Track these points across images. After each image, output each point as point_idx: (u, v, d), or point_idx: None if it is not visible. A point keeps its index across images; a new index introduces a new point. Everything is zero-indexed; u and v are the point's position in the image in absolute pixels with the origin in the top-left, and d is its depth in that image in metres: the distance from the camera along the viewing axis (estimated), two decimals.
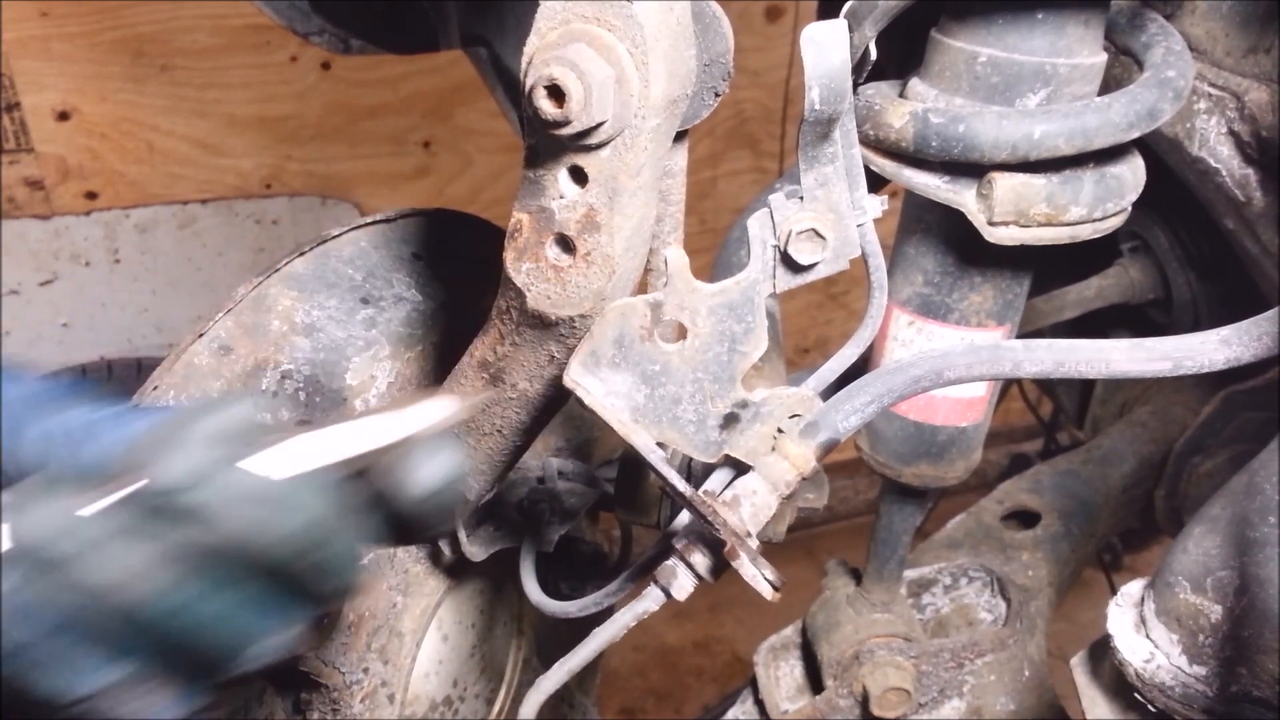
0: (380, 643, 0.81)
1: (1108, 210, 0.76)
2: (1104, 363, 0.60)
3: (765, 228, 0.61)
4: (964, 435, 0.93)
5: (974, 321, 0.86)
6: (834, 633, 1.06)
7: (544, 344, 0.64)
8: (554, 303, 0.60)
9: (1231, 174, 0.91)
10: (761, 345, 0.58)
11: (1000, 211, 0.74)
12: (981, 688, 1.04)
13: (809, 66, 0.56)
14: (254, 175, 2.28)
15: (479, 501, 0.77)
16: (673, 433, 0.60)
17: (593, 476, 0.93)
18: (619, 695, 2.56)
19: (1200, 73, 0.90)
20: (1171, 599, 0.62)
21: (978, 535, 1.23)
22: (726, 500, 0.58)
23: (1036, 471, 1.34)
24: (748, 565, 0.57)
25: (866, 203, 0.64)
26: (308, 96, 2.28)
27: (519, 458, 0.75)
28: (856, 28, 0.69)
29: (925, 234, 0.85)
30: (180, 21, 2.15)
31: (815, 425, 0.60)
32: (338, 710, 0.80)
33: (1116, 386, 1.50)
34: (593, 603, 0.69)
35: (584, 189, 0.57)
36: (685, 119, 0.63)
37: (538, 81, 0.52)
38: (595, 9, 0.53)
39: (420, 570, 0.83)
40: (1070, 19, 0.72)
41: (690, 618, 2.75)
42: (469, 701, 0.97)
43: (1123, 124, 0.72)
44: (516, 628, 1.04)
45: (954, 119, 0.72)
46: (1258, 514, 0.59)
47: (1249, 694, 0.58)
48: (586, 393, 0.59)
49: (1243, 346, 0.60)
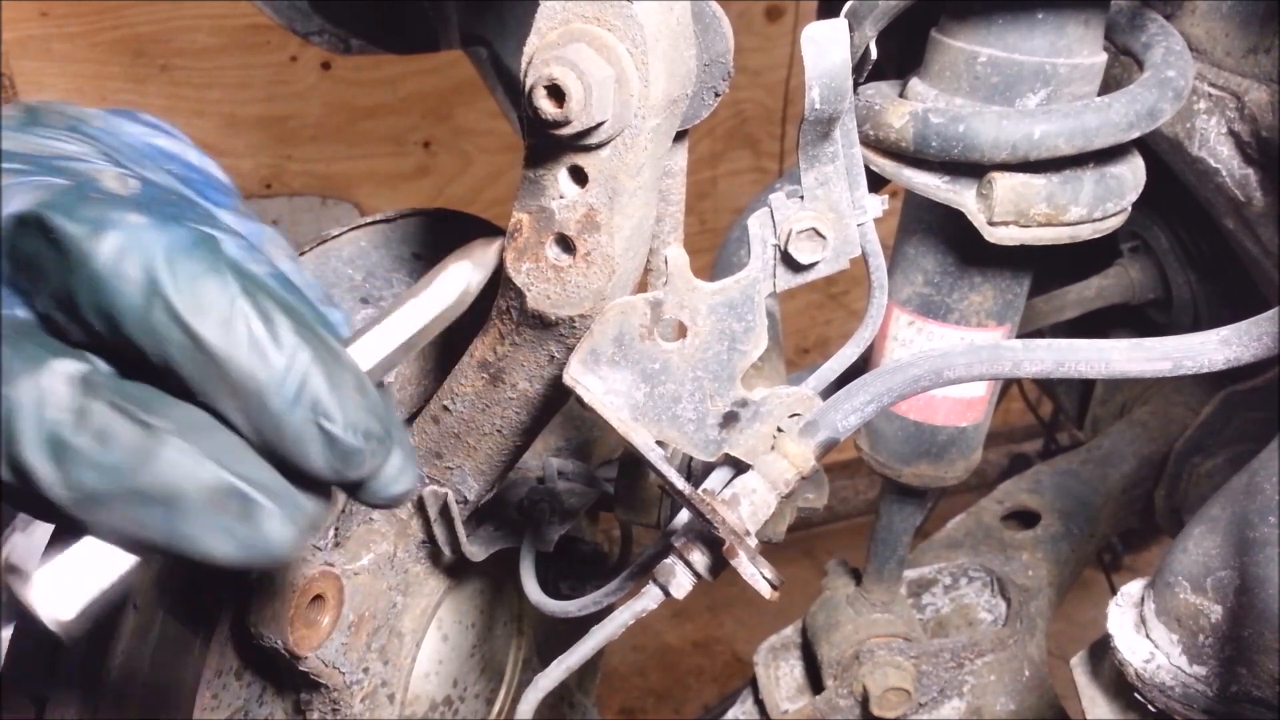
0: (380, 643, 0.81)
1: (1108, 210, 0.76)
2: (1104, 362, 0.60)
3: (765, 227, 0.61)
4: (964, 435, 0.93)
5: (974, 321, 0.86)
6: (834, 633, 1.06)
7: (544, 344, 0.64)
8: (554, 303, 0.60)
9: (1231, 174, 0.91)
10: (761, 344, 0.58)
11: (1000, 211, 0.74)
12: (981, 688, 1.04)
13: (809, 66, 0.56)
14: (254, 175, 2.28)
15: (479, 502, 0.77)
16: (672, 431, 0.60)
17: (592, 476, 0.93)
18: (619, 695, 2.56)
19: (1200, 73, 0.90)
20: (1171, 599, 0.62)
21: (978, 535, 1.23)
22: (725, 499, 0.58)
23: (1036, 471, 1.34)
24: (746, 564, 0.56)
25: (867, 202, 0.64)
26: (307, 96, 2.28)
27: (519, 458, 0.75)
28: (857, 27, 0.69)
29: (925, 234, 0.85)
30: (180, 21, 2.15)
31: (815, 424, 0.60)
32: (338, 710, 0.80)
33: (1116, 386, 1.50)
34: (592, 602, 0.69)
35: (584, 189, 0.57)
36: (685, 119, 0.63)
37: (538, 81, 0.52)
38: (595, 9, 0.53)
39: (420, 570, 0.83)
40: (1070, 19, 0.72)
41: (690, 618, 2.75)
42: (469, 701, 0.97)
43: (1123, 124, 0.72)
44: (516, 628, 1.04)
45: (954, 119, 0.72)
46: (1258, 514, 0.59)
47: (1249, 694, 0.58)
48: (586, 391, 0.59)
49: (1243, 347, 0.60)
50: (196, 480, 0.41)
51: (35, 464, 0.39)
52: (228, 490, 0.41)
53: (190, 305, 0.41)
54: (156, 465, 0.40)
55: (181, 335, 0.41)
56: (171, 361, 0.41)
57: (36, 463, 0.39)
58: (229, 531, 0.42)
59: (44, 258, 0.41)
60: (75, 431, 0.39)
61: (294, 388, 0.42)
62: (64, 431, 0.39)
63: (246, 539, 0.42)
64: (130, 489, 0.40)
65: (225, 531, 0.41)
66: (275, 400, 0.42)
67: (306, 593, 0.73)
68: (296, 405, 0.42)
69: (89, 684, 0.71)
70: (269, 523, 0.42)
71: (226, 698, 0.78)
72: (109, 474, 0.40)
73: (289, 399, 0.42)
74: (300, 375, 0.42)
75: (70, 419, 0.39)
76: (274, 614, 0.72)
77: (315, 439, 0.42)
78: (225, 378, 0.41)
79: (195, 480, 0.41)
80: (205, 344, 0.41)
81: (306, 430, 0.42)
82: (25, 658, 0.72)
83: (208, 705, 0.76)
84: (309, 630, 0.74)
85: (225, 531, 0.41)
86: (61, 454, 0.39)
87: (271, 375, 0.42)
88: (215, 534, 0.41)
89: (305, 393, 0.42)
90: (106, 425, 0.40)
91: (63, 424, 0.39)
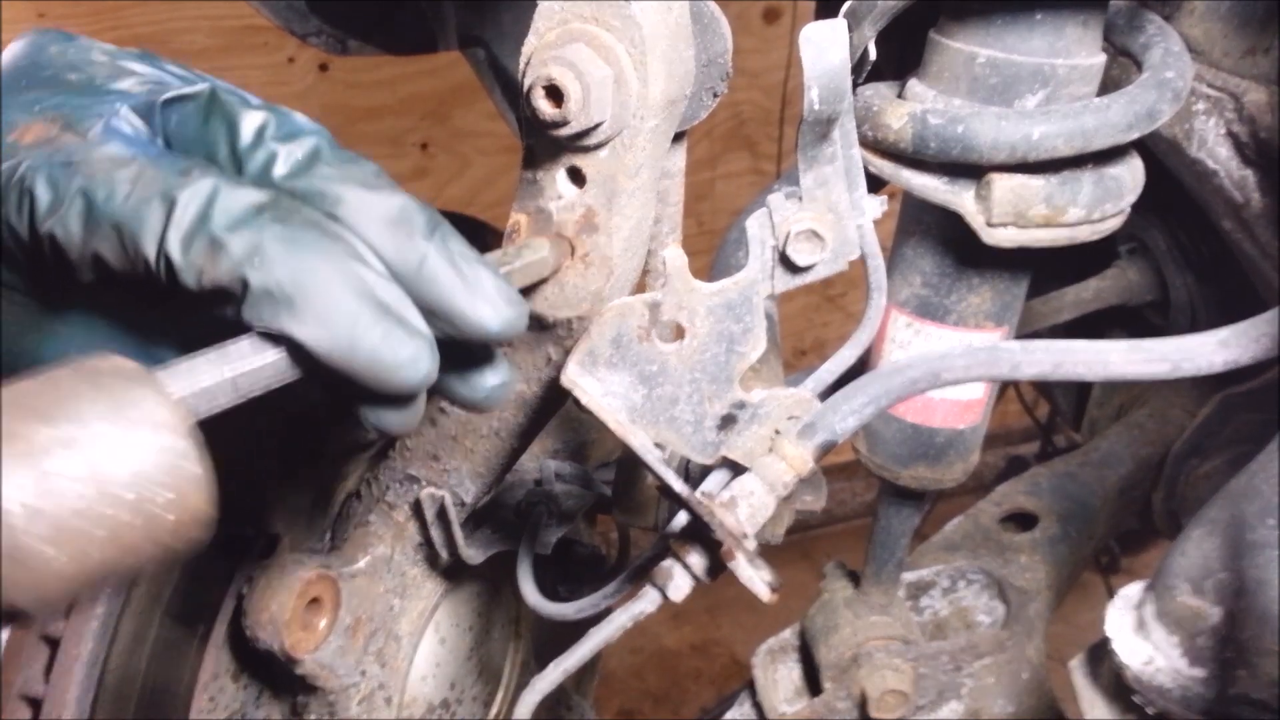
0: (377, 645, 0.81)
1: (1106, 212, 0.76)
2: (1102, 364, 0.60)
3: (764, 228, 0.61)
4: (962, 437, 0.93)
5: (972, 323, 0.86)
6: (832, 635, 1.06)
7: (541, 346, 0.64)
8: (552, 304, 0.60)
9: (1230, 175, 0.91)
10: (760, 346, 0.58)
11: (998, 213, 0.74)
12: (980, 690, 1.04)
13: (807, 66, 0.56)
14: None
15: (476, 504, 0.77)
16: (670, 433, 0.60)
17: (590, 479, 0.93)
18: (617, 697, 2.56)
19: (1199, 74, 0.90)
20: (1170, 601, 0.62)
21: (976, 538, 1.22)
22: (723, 501, 0.58)
23: (1034, 474, 1.34)
24: (744, 566, 0.56)
25: (865, 203, 0.64)
26: (305, 98, 2.28)
27: (516, 460, 0.75)
28: (855, 28, 0.69)
29: (923, 235, 0.85)
30: (178, 23, 2.15)
31: (813, 426, 0.59)
32: (334, 713, 0.79)
33: (1113, 389, 1.50)
34: (590, 605, 0.69)
35: (582, 190, 0.57)
36: (683, 120, 0.63)
37: (536, 82, 0.52)
38: (593, 9, 0.53)
39: (417, 573, 0.83)
40: (1069, 20, 0.72)
41: (688, 620, 2.74)
42: (466, 704, 0.97)
43: (1121, 125, 0.71)
44: (514, 630, 1.04)
45: (952, 120, 0.72)
46: (1257, 516, 0.58)
47: (1248, 696, 0.58)
48: (584, 392, 0.59)
49: (1241, 348, 0.60)
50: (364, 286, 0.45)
51: (230, 243, 0.44)
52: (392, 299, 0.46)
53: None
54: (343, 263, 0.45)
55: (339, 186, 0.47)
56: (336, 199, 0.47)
57: (232, 243, 0.44)
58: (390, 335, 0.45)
59: (211, 132, 0.49)
60: (272, 220, 0.44)
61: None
62: (256, 217, 0.44)
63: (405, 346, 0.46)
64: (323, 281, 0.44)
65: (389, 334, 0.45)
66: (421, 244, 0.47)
67: (303, 595, 0.72)
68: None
69: (87, 685, 0.71)
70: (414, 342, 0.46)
71: (223, 700, 0.78)
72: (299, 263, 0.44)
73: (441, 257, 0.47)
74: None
75: (269, 205, 0.45)
76: (271, 617, 0.71)
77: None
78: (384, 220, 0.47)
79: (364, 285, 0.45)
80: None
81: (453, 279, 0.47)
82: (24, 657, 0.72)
83: (204, 708, 0.76)
84: (306, 633, 0.74)
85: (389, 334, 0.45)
86: (251, 239, 0.44)
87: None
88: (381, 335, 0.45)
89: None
90: (298, 220, 0.45)
91: (259, 205, 0.45)
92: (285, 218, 0.44)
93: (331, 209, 0.46)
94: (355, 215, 0.46)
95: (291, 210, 0.45)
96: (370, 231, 0.46)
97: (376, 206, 0.47)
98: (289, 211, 0.45)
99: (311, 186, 0.47)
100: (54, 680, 0.69)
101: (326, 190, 0.47)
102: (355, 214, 0.46)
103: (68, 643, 0.69)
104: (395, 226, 0.47)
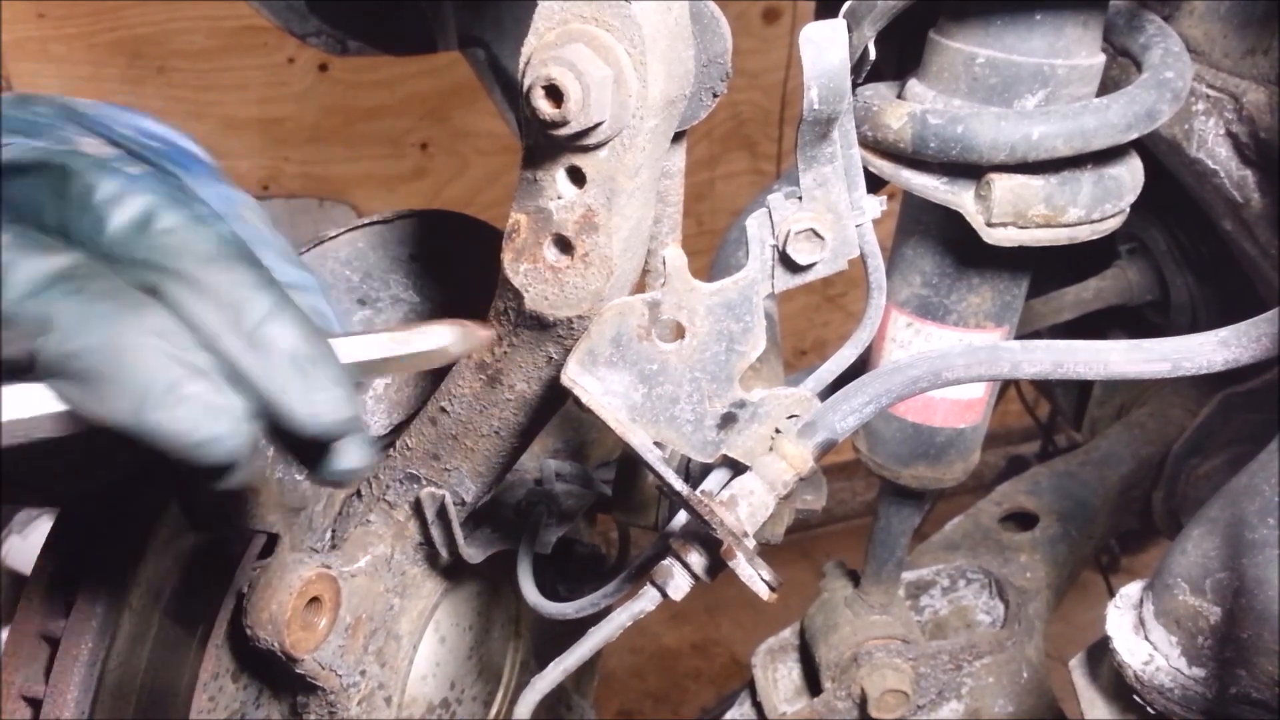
0: (377, 645, 0.81)
1: (1106, 211, 0.76)
2: (1102, 364, 0.60)
3: (764, 227, 0.61)
4: (962, 437, 0.93)
5: (972, 323, 0.86)
6: (832, 635, 1.06)
7: (542, 345, 0.64)
8: (552, 304, 0.60)
9: (1229, 175, 0.91)
10: (760, 345, 0.58)
11: (998, 213, 0.74)
12: (980, 689, 1.04)
13: (807, 66, 0.56)
14: (251, 177, 2.27)
15: (476, 503, 0.77)
16: (670, 432, 0.60)
17: (590, 478, 0.93)
18: (616, 697, 2.56)
19: (1198, 74, 0.90)
20: (1170, 601, 0.62)
21: (976, 537, 1.22)
22: (723, 500, 0.58)
23: (1034, 473, 1.34)
24: (744, 565, 0.56)
25: (865, 203, 0.64)
26: (305, 98, 2.28)
27: (516, 459, 0.75)
28: (855, 28, 0.69)
29: (923, 235, 0.85)
30: (177, 23, 2.15)
31: (813, 426, 0.59)
32: (334, 713, 0.79)
33: (1114, 388, 1.50)
34: (590, 604, 0.69)
35: (582, 190, 0.57)
36: (683, 120, 0.63)
37: (535, 82, 0.52)
38: (593, 9, 0.53)
39: (417, 573, 0.83)
40: (1068, 20, 0.72)
41: (688, 620, 2.75)
42: (466, 704, 0.97)
43: (1121, 125, 0.72)
44: (514, 630, 1.04)
45: (952, 120, 0.72)
46: (1257, 515, 0.59)
47: (1248, 696, 0.58)
48: (584, 392, 0.59)
49: (1241, 348, 0.60)
50: (162, 357, 0.43)
51: (17, 314, 0.42)
52: (190, 370, 0.43)
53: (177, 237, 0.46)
54: (131, 335, 0.42)
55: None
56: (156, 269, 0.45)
57: (19, 314, 0.42)
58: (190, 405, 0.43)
59: (40, 195, 0.46)
60: (66, 292, 0.42)
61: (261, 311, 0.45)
62: (49, 288, 0.42)
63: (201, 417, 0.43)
64: (103, 349, 0.42)
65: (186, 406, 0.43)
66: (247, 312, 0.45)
67: (303, 595, 0.72)
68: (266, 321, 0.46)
69: (86, 685, 0.71)
70: (219, 415, 0.44)
71: (223, 700, 0.78)
72: (90, 331, 0.42)
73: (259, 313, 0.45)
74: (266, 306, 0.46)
75: (66, 274, 0.43)
76: (271, 616, 0.71)
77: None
78: (205, 291, 0.45)
79: (161, 358, 0.43)
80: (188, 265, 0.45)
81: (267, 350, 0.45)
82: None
83: (204, 708, 0.76)
84: (306, 632, 0.73)
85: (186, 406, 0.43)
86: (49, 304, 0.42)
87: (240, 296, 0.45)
88: (172, 411, 0.43)
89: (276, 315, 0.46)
90: (96, 289, 0.43)
91: (58, 274, 0.42)
92: (83, 287, 0.42)
93: (155, 279, 0.44)
94: (177, 287, 0.44)
95: (92, 278, 0.43)
96: (192, 304, 0.44)
97: (207, 278, 0.44)
98: (88, 280, 0.42)
99: (139, 254, 0.44)
100: (54, 680, 0.69)
101: (152, 258, 0.44)
102: (178, 285, 0.44)
103: (67, 642, 0.69)
104: (222, 301, 0.44)
